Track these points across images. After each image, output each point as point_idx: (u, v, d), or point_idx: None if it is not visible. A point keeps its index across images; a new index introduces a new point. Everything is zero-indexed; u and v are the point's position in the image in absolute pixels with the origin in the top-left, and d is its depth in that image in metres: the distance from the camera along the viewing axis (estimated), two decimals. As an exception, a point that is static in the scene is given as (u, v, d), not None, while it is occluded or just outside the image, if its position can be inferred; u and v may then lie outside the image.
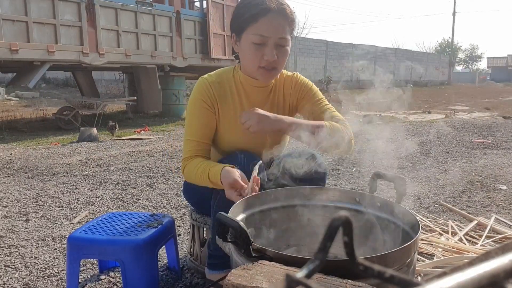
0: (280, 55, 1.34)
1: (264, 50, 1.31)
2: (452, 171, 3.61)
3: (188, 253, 1.78)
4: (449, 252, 1.85)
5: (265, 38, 1.30)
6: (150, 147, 4.94)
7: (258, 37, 1.30)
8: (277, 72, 1.40)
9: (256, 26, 1.30)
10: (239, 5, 1.39)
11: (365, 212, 1.27)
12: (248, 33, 1.32)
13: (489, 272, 0.26)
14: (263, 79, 1.39)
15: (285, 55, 1.36)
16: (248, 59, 1.35)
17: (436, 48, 45.73)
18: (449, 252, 1.85)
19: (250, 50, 1.33)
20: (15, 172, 3.62)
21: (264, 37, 1.30)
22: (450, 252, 1.85)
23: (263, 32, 1.30)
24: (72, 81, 11.59)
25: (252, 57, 1.33)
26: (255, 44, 1.31)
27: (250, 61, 1.35)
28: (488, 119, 8.08)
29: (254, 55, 1.32)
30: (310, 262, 0.32)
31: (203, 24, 8.40)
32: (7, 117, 7.77)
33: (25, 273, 1.74)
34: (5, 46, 5.39)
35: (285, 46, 1.34)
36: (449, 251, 1.86)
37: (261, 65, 1.34)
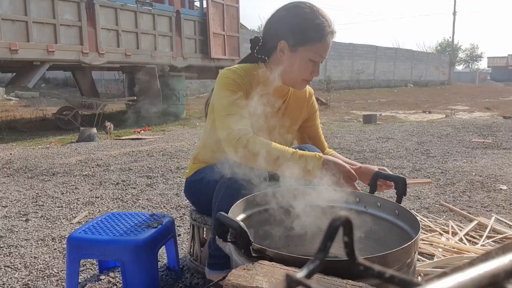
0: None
1: (314, 67, 1.40)
2: (452, 171, 3.61)
3: (188, 253, 1.78)
4: (449, 252, 1.85)
5: (321, 58, 1.39)
6: (150, 147, 4.94)
7: (317, 56, 1.38)
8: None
9: (319, 46, 1.36)
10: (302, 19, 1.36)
11: (366, 212, 1.27)
12: (309, 49, 1.36)
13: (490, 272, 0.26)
14: (300, 88, 1.48)
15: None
16: (297, 71, 1.40)
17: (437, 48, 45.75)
18: (449, 252, 1.85)
19: (304, 65, 1.38)
20: (15, 172, 3.62)
21: (322, 57, 1.39)
22: (450, 252, 1.85)
23: (323, 53, 1.39)
24: (72, 81, 11.59)
25: (303, 71, 1.39)
26: (311, 61, 1.38)
27: (298, 73, 1.40)
28: (488, 119, 8.08)
29: (306, 70, 1.39)
30: (310, 262, 0.32)
31: (203, 24, 8.40)
32: (7, 117, 7.77)
33: (25, 273, 1.74)
34: (4, 46, 5.39)
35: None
36: (450, 251, 1.86)
37: (306, 78, 1.42)
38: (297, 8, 1.38)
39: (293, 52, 1.38)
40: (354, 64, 21.82)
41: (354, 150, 4.57)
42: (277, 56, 1.41)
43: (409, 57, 26.32)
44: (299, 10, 1.37)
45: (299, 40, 1.36)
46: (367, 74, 22.76)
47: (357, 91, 18.43)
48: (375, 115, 7.84)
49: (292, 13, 1.38)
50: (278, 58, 1.41)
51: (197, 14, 8.49)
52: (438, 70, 29.62)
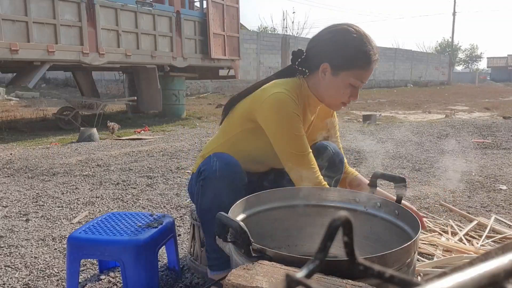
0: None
1: (353, 92, 1.40)
2: (452, 171, 3.61)
3: (188, 253, 1.78)
4: (449, 252, 1.85)
5: (362, 84, 1.40)
6: (150, 147, 4.94)
7: (359, 82, 1.38)
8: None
9: (362, 72, 1.36)
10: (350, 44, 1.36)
11: (365, 212, 1.27)
12: (351, 75, 1.36)
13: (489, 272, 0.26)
14: (336, 109, 1.53)
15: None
16: (336, 95, 1.41)
17: (436, 48, 45.75)
18: (449, 252, 1.85)
19: (344, 89, 1.38)
20: (15, 172, 3.63)
21: (363, 83, 1.40)
22: (450, 252, 1.85)
23: (364, 80, 1.39)
24: (72, 81, 11.59)
25: (343, 95, 1.40)
26: (351, 86, 1.38)
27: (337, 96, 1.41)
28: (488, 119, 8.09)
29: (345, 94, 1.40)
30: (310, 262, 0.32)
31: (203, 24, 8.40)
32: (7, 117, 7.77)
33: (25, 273, 1.74)
34: (5, 46, 5.39)
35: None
36: (449, 251, 1.86)
37: (344, 101, 1.42)
38: (345, 32, 1.36)
39: (335, 75, 1.37)
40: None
41: (354, 150, 4.57)
42: (317, 76, 1.40)
43: (409, 57, 26.32)
44: (347, 35, 1.35)
45: (343, 65, 1.36)
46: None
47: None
48: (375, 115, 7.83)
49: (339, 36, 1.37)
50: (319, 78, 1.40)
51: (197, 15, 8.49)
52: (437, 70, 29.62)
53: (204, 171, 1.33)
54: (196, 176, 1.40)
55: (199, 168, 1.38)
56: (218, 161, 1.33)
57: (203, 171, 1.34)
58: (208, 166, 1.33)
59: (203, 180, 1.33)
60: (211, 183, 1.31)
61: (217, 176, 1.30)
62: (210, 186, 1.32)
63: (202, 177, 1.34)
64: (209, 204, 1.33)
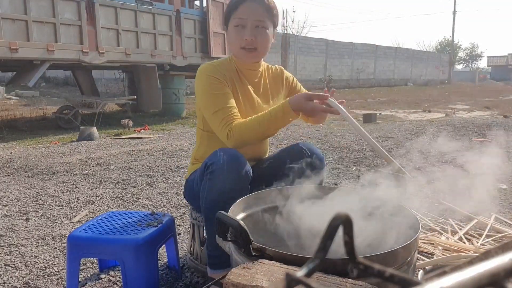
0: (258, 36, 1.48)
1: (243, 32, 1.48)
2: (452, 170, 3.61)
3: (188, 252, 1.78)
4: (449, 251, 1.85)
5: (243, 20, 1.47)
6: (150, 146, 4.94)
7: (237, 20, 1.48)
8: (258, 53, 1.52)
9: (236, 12, 1.48)
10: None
11: (366, 211, 1.27)
12: (231, 20, 1.50)
13: (489, 271, 0.26)
14: (245, 59, 1.54)
15: (264, 36, 1.50)
16: (232, 42, 1.52)
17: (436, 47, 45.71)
18: (449, 251, 1.85)
19: (233, 33, 1.50)
20: (15, 171, 3.63)
21: (242, 19, 1.47)
22: (450, 251, 1.85)
23: (241, 15, 1.47)
24: (72, 80, 11.58)
25: (234, 39, 1.50)
26: (236, 27, 1.48)
27: (234, 43, 1.52)
28: (488, 118, 8.08)
29: (236, 37, 1.49)
30: (310, 261, 0.32)
31: (203, 23, 8.39)
32: (7, 116, 7.77)
33: (25, 272, 1.74)
34: (4, 45, 5.39)
35: (264, 27, 1.49)
36: (449, 250, 1.86)
37: (242, 45, 1.49)
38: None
39: (227, 30, 1.55)
40: (354, 63, 21.80)
41: (354, 149, 4.57)
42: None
43: (409, 56, 26.30)
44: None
45: (226, 18, 1.54)
46: (367, 73, 22.75)
47: (357, 90, 18.42)
48: (375, 114, 7.83)
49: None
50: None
51: (197, 13, 8.48)
52: (438, 69, 29.60)
53: (212, 164, 1.33)
54: (202, 170, 1.40)
55: (205, 163, 1.38)
56: (225, 154, 1.33)
57: (210, 164, 1.34)
58: (215, 160, 1.33)
59: (211, 173, 1.33)
60: (219, 176, 1.31)
61: (224, 169, 1.30)
62: (218, 179, 1.31)
63: (210, 170, 1.33)
64: (216, 198, 1.32)
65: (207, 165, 1.36)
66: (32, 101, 10.62)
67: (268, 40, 1.52)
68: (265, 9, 1.47)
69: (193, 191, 1.54)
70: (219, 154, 1.35)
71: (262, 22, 1.47)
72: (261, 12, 1.47)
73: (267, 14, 1.48)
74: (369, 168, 3.64)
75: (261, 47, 1.51)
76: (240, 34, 1.48)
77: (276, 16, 1.53)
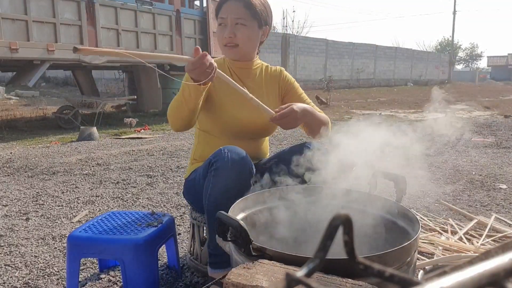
0: (238, 33, 1.52)
1: (225, 30, 1.53)
2: (452, 170, 3.61)
3: (188, 252, 1.78)
4: (449, 251, 1.85)
5: (224, 19, 1.52)
6: (150, 146, 4.94)
7: (220, 19, 1.54)
8: (240, 49, 1.55)
9: (220, 12, 1.54)
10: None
11: (365, 211, 1.27)
12: (217, 20, 1.56)
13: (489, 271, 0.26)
14: (227, 55, 1.60)
15: (244, 33, 1.53)
16: (217, 41, 1.60)
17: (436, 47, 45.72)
18: (449, 251, 1.85)
19: (217, 33, 1.58)
20: (15, 171, 3.63)
21: (222, 18, 1.52)
22: (450, 251, 1.85)
23: (223, 15, 1.53)
24: (72, 80, 11.58)
25: (218, 38, 1.58)
26: (219, 26, 1.55)
27: (218, 42, 1.59)
28: (488, 118, 8.08)
29: (219, 35, 1.57)
30: (310, 261, 0.32)
31: (203, 23, 8.39)
32: (7, 116, 7.77)
33: (25, 272, 1.74)
34: (5, 45, 5.39)
35: (243, 25, 1.52)
36: (449, 250, 1.86)
37: (224, 43, 1.54)
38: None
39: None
40: (354, 63, 21.80)
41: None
42: None
43: (409, 56, 26.29)
44: None
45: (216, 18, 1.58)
46: (367, 73, 22.74)
47: (357, 90, 18.42)
48: (375, 114, 7.83)
49: None
50: None
51: (197, 13, 8.48)
52: (438, 69, 29.59)
53: (217, 161, 1.34)
54: (206, 167, 1.40)
55: (209, 160, 1.38)
56: (230, 152, 1.34)
57: (215, 161, 1.34)
58: (220, 157, 1.33)
59: (215, 170, 1.33)
60: (223, 173, 1.31)
61: (229, 166, 1.30)
62: (222, 176, 1.31)
63: (214, 167, 1.34)
64: (219, 194, 1.32)
65: (211, 162, 1.36)
66: (32, 101, 10.63)
67: (249, 37, 1.54)
68: (245, 6, 1.50)
69: (194, 190, 1.54)
70: (223, 151, 1.35)
71: (241, 20, 1.51)
72: (241, 10, 1.50)
73: (248, 11, 1.51)
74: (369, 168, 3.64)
75: (242, 44, 1.53)
76: (222, 32, 1.53)
77: (260, 13, 1.53)
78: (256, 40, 1.58)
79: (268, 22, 1.60)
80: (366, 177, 1.37)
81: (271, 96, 1.65)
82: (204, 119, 1.60)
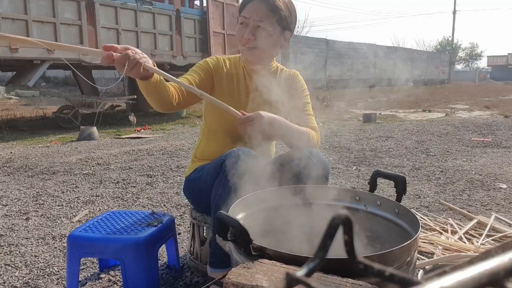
0: (258, 36, 1.48)
1: (245, 30, 1.49)
2: (452, 169, 3.61)
3: (188, 251, 1.78)
4: (449, 251, 1.85)
5: (246, 19, 1.48)
6: (150, 145, 4.94)
7: (242, 18, 1.50)
8: (258, 51, 1.51)
9: (243, 10, 1.51)
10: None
11: (365, 210, 1.27)
12: (239, 17, 1.52)
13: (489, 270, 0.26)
14: (244, 56, 1.56)
15: (264, 36, 1.49)
16: (236, 39, 1.55)
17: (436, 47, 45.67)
18: (449, 251, 1.85)
19: (237, 30, 1.53)
20: (15, 170, 3.63)
21: (245, 18, 1.48)
22: (450, 250, 1.85)
23: (245, 14, 1.49)
24: (72, 79, 11.59)
25: (237, 36, 1.53)
26: (240, 24, 1.51)
27: (237, 40, 1.55)
28: (488, 117, 8.08)
29: (238, 34, 1.52)
30: (310, 260, 0.32)
31: (203, 23, 8.39)
32: (7, 116, 7.77)
33: (25, 272, 1.74)
34: (5, 44, 5.39)
35: (264, 28, 1.48)
36: (449, 249, 1.86)
37: (242, 43, 1.51)
38: None
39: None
40: (354, 63, 21.79)
41: (354, 149, 4.57)
42: None
43: (409, 56, 26.29)
44: None
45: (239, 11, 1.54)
46: (367, 73, 22.74)
47: (357, 90, 18.42)
48: (375, 114, 7.83)
49: None
50: None
51: (197, 13, 8.48)
52: (438, 69, 29.58)
53: (228, 162, 1.34)
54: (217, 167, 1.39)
55: (220, 161, 1.37)
56: (243, 153, 1.34)
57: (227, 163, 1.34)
58: (232, 158, 1.33)
59: (227, 171, 1.33)
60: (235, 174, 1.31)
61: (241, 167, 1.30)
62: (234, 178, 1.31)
63: (227, 168, 1.33)
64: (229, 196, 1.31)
65: (224, 163, 1.36)
66: (32, 100, 10.63)
67: (269, 41, 1.49)
68: (269, 8, 1.45)
69: (198, 189, 1.54)
70: (236, 153, 1.35)
71: (263, 23, 1.46)
72: (264, 12, 1.45)
73: (272, 14, 1.45)
74: (369, 168, 3.64)
75: (260, 47, 1.49)
76: (241, 31, 1.49)
77: (284, 17, 1.48)
78: (275, 45, 1.53)
79: (291, 28, 1.55)
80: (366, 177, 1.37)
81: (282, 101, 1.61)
82: (210, 117, 1.60)
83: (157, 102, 1.36)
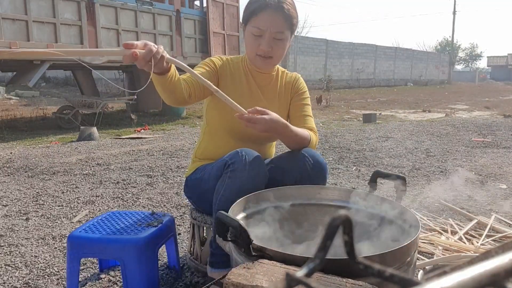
0: (275, 47, 1.48)
1: (260, 41, 1.46)
2: (452, 170, 3.61)
3: (188, 252, 1.78)
4: (449, 251, 1.85)
5: (261, 30, 1.45)
6: (150, 146, 4.94)
7: (256, 29, 1.46)
8: (273, 61, 1.52)
9: (255, 19, 1.45)
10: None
11: (365, 211, 1.27)
12: (250, 25, 1.48)
13: (489, 271, 0.26)
14: (259, 65, 1.54)
15: (280, 47, 1.49)
16: (248, 47, 1.53)
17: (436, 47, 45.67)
18: (449, 251, 1.85)
19: (250, 40, 1.50)
20: (15, 171, 3.62)
21: (260, 29, 1.45)
22: (450, 251, 1.85)
23: (260, 26, 1.45)
24: (72, 80, 11.59)
25: (250, 46, 1.51)
26: (254, 35, 1.47)
27: (249, 49, 1.53)
28: (488, 118, 8.08)
29: (252, 44, 1.49)
30: (310, 261, 0.32)
31: (203, 23, 8.39)
32: (7, 116, 7.77)
33: (25, 272, 1.74)
34: (5, 45, 5.39)
35: (281, 39, 1.47)
36: (449, 250, 1.86)
37: (258, 53, 1.49)
38: None
39: (245, 30, 1.53)
40: (354, 63, 21.80)
41: (354, 149, 4.57)
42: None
43: (409, 56, 26.30)
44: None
45: (244, 19, 1.51)
46: (367, 73, 22.75)
47: (357, 90, 18.42)
48: (375, 114, 7.83)
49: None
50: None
51: (197, 13, 8.49)
52: (438, 69, 29.60)
53: (234, 163, 1.33)
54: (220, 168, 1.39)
55: (225, 161, 1.37)
56: (246, 154, 1.34)
57: (232, 163, 1.34)
58: (237, 159, 1.33)
59: (231, 172, 1.33)
60: (240, 175, 1.31)
61: (246, 168, 1.31)
62: (239, 178, 1.31)
63: (231, 168, 1.33)
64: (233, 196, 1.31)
65: (228, 164, 1.36)
66: (32, 101, 10.63)
67: (285, 50, 1.52)
68: (284, 18, 1.44)
69: (199, 189, 1.54)
70: (240, 154, 1.35)
71: (281, 34, 1.46)
72: (281, 22, 1.44)
73: (286, 24, 1.46)
74: (369, 168, 3.64)
75: (277, 57, 1.51)
76: (257, 41, 1.47)
77: (295, 24, 1.51)
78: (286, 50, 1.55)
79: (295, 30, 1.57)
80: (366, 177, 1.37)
81: (283, 103, 1.63)
82: (211, 117, 1.60)
83: (173, 96, 1.36)
